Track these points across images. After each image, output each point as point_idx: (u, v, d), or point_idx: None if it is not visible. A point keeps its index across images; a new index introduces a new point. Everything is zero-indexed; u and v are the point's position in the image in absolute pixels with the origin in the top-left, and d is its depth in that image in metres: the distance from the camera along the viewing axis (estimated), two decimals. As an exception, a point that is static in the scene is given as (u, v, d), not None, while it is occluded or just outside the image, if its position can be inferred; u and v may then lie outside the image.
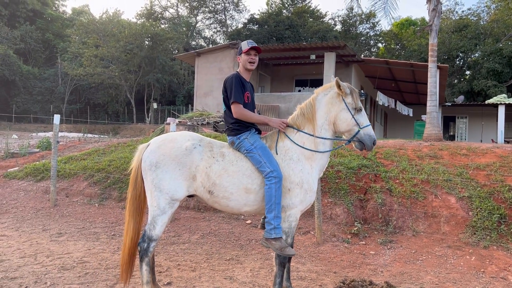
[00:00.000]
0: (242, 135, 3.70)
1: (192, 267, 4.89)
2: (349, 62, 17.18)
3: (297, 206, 3.58)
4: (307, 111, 3.72)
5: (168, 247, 5.69)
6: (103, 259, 5.02)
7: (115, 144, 11.09)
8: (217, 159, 3.59)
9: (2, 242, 5.49)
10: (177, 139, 3.65)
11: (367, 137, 3.62)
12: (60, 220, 6.92)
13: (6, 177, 9.29)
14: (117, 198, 7.96)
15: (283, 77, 19.41)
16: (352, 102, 3.64)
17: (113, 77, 32.30)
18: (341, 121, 3.65)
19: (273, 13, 41.18)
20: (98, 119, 37.31)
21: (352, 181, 7.28)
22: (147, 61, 32.22)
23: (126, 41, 30.77)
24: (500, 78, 29.45)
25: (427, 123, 10.98)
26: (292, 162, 3.61)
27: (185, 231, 6.48)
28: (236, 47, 16.21)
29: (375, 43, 45.41)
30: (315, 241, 6.02)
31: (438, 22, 11.03)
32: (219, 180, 3.53)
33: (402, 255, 5.56)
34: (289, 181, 3.55)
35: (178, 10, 45.65)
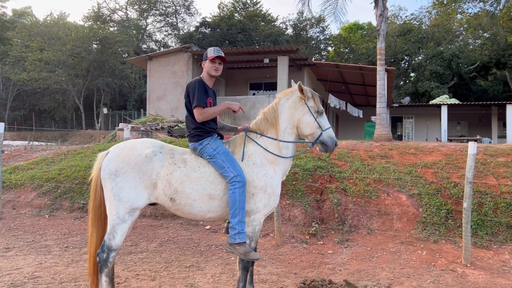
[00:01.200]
0: (204, 140, 3.68)
1: (151, 276, 4.79)
2: (301, 66, 17.51)
3: (261, 210, 3.60)
4: (270, 116, 3.76)
5: (125, 257, 5.53)
6: (56, 272, 4.80)
7: (65, 152, 10.64)
8: (179, 166, 3.55)
9: None
10: (137, 146, 3.58)
11: (329, 139, 3.70)
12: (7, 234, 6.54)
13: None
14: (69, 208, 7.65)
15: (238, 80, 19.47)
16: (314, 105, 3.71)
17: (60, 82, 31.00)
18: (304, 125, 3.71)
19: (225, 17, 41.20)
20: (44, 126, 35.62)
21: (308, 182, 7.42)
22: (96, 65, 31.21)
23: (73, 45, 29.65)
24: (442, 80, 31.13)
25: (377, 124, 11.41)
26: (255, 167, 3.62)
27: (142, 239, 6.33)
28: (189, 50, 16.08)
29: (325, 46, 46.59)
30: (274, 243, 6.08)
31: (385, 27, 11.51)
32: (181, 187, 3.49)
33: (359, 253, 5.74)
34: (253, 186, 3.56)
35: (127, 13, 44.63)
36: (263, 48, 15.54)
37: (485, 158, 7.80)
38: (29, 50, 31.25)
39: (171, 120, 14.62)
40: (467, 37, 36.37)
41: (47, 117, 37.41)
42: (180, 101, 16.09)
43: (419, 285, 4.60)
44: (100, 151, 9.92)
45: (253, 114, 15.26)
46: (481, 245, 5.78)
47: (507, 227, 6.03)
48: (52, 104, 35.07)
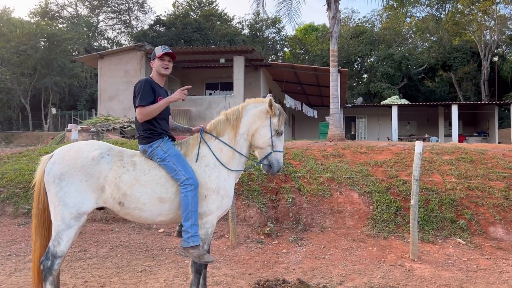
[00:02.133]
0: (154, 143, 3.57)
1: (101, 282, 4.62)
2: (257, 66, 17.58)
3: (213, 212, 3.56)
4: (232, 117, 3.74)
5: (73, 263, 5.30)
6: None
7: (8, 154, 10.07)
8: (128, 169, 3.44)
9: None
10: (83, 149, 3.44)
11: (275, 161, 3.69)
12: None
13: None
14: (12, 214, 7.25)
15: (193, 80, 19.25)
16: (277, 124, 3.70)
17: (4, 80, 29.34)
18: (259, 136, 3.70)
19: (180, 15, 40.67)
20: (-14, 127, 33.65)
21: (264, 182, 7.44)
22: (44, 63, 29.82)
23: (18, 42, 28.18)
24: (392, 81, 32.33)
25: (331, 124, 11.65)
26: (208, 168, 3.58)
27: (92, 245, 6.10)
28: (142, 49, 15.73)
29: (281, 47, 47.12)
30: (229, 245, 6.05)
31: (338, 29, 11.77)
32: (130, 191, 3.39)
33: (312, 251, 5.82)
34: (205, 188, 3.52)
35: (78, 9, 43.03)
36: (219, 48, 15.48)
37: (432, 157, 8.16)
38: (-31, 47, 29.43)
39: (124, 120, 14.23)
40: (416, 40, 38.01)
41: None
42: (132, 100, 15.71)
43: (370, 281, 4.72)
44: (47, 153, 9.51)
45: (209, 114, 15.17)
46: (427, 240, 6.03)
47: (451, 222, 6.33)
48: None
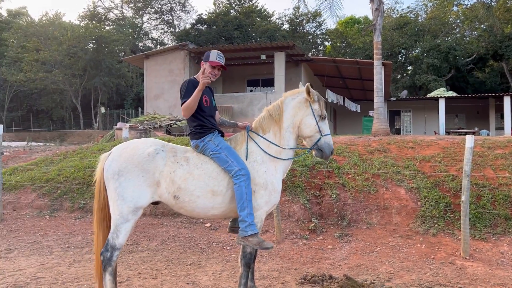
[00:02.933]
0: (206, 137, 3.70)
1: (153, 274, 4.82)
2: (298, 61, 17.51)
3: (262, 207, 3.63)
4: (274, 113, 3.81)
5: (126, 256, 5.56)
6: (58, 273, 4.83)
7: (64, 152, 10.65)
8: (181, 164, 3.58)
9: None
10: (139, 146, 3.61)
11: (326, 145, 3.75)
12: (9, 236, 6.57)
13: None
14: (69, 208, 7.67)
15: (235, 77, 19.47)
16: (318, 109, 3.75)
17: (57, 82, 30.91)
18: (305, 126, 3.76)
19: (221, 13, 41.07)
20: (42, 126, 35.57)
21: (307, 178, 7.45)
22: (93, 64, 31.11)
23: (69, 44, 29.54)
24: (439, 72, 31.16)
25: (375, 119, 11.44)
26: (256, 164, 3.66)
27: (143, 238, 6.37)
28: (185, 48, 16.07)
29: (322, 41, 46.52)
30: (274, 240, 6.12)
31: (381, 21, 11.51)
32: (184, 185, 3.51)
33: (358, 247, 5.78)
34: (254, 183, 3.59)
35: (123, 11, 44.46)
36: (260, 45, 15.55)
37: (483, 151, 7.84)
38: (25, 51, 31.14)
39: (169, 118, 14.63)
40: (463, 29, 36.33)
41: (45, 118, 37.35)
42: (178, 99, 16.01)
43: (419, 278, 4.64)
44: (99, 151, 9.99)
45: (251, 111, 15.30)
46: (479, 237, 5.83)
47: (505, 219, 6.08)
48: (50, 104, 35.00)
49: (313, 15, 42.82)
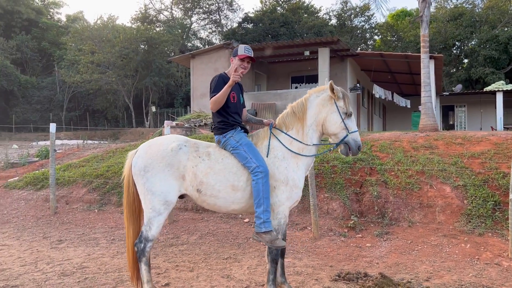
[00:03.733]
0: (228, 133, 3.78)
1: (190, 267, 4.95)
2: (343, 57, 17.18)
3: (284, 203, 3.64)
4: (298, 110, 3.80)
5: (166, 249, 5.76)
6: (102, 263, 5.09)
7: (113, 149, 11.16)
8: (203, 158, 3.68)
9: (3, 252, 5.56)
10: (163, 142, 3.76)
11: (353, 142, 3.69)
12: (61, 227, 6.99)
13: (7, 187, 9.38)
14: (116, 203, 8.03)
15: (279, 74, 19.45)
16: (344, 106, 3.70)
17: (111, 82, 32.37)
18: (330, 123, 3.72)
19: (268, 11, 41.14)
20: (97, 125, 37.40)
21: (347, 175, 7.33)
22: (144, 65, 32.26)
23: (121, 46, 30.80)
24: (497, 65, 29.42)
25: (422, 114, 11.02)
26: (277, 160, 3.68)
27: (183, 232, 6.55)
28: (230, 47, 16.26)
29: (371, 36, 45.35)
30: (312, 236, 6.08)
31: (429, 13, 11.05)
32: (206, 179, 3.61)
33: (398, 246, 5.61)
34: (274, 179, 3.62)
35: (173, 13, 45.73)
36: (303, 41, 15.42)
37: (539, 147, 7.35)
38: (82, 54, 32.84)
39: (214, 116, 14.84)
40: (525, 19, 34.02)
41: (100, 117, 39.23)
42: (222, 97, 16.30)
43: (460, 279, 4.44)
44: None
45: (295, 108, 15.23)
46: (531, 238, 5.47)
47: (561, 219, 5.66)
48: (104, 104, 36.72)
49: (362, 9, 41.87)
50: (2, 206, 8.28)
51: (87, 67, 31.79)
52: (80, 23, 39.38)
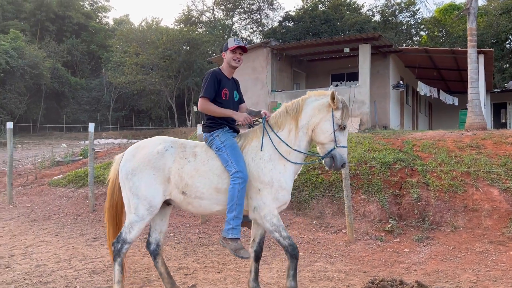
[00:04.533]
0: (214, 132, 3.72)
1: (218, 268, 4.88)
2: (386, 53, 16.59)
3: (269, 204, 3.52)
4: (292, 110, 3.66)
5: (197, 248, 5.72)
6: (133, 262, 5.12)
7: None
8: (189, 160, 3.64)
9: (41, 248, 5.73)
10: (149, 145, 3.75)
11: (339, 157, 3.49)
12: (97, 225, 7.14)
13: (51, 184, 9.74)
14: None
15: (319, 72, 19.10)
16: (340, 118, 3.49)
17: (154, 83, 33.13)
18: (320, 131, 3.54)
19: (309, 9, 40.67)
20: (142, 125, 38.43)
21: (386, 176, 7.02)
22: (186, 66, 32.78)
23: (164, 48, 31.44)
24: (555, 59, 27.50)
25: (469, 112, 10.42)
26: (262, 161, 3.57)
27: (215, 232, 6.50)
28: (268, 45, 16.15)
29: (417, 31, 43.73)
30: (346, 240, 5.84)
31: (476, 5, 10.41)
32: (191, 181, 3.57)
33: (439, 252, 5.28)
34: (259, 181, 3.52)
35: (214, 13, 46.21)
36: (343, 37, 15.03)
37: None
38: (127, 55, 33.85)
39: (252, 115, 14.80)
40: None
41: (145, 117, 40.29)
42: (260, 96, 16.25)
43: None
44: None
45: (334, 106, 14.88)
46: None
47: None
48: (149, 104, 37.66)
49: (407, 4, 40.49)
50: (45, 203, 8.60)
51: (132, 69, 32.73)
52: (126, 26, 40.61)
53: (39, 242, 6.02)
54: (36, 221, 7.38)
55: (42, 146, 21.24)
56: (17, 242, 6.01)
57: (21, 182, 10.30)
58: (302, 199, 7.06)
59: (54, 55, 38.41)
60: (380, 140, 8.86)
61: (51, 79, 35.64)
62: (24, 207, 8.43)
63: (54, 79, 36.52)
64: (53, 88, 36.59)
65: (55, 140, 27.31)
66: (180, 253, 5.51)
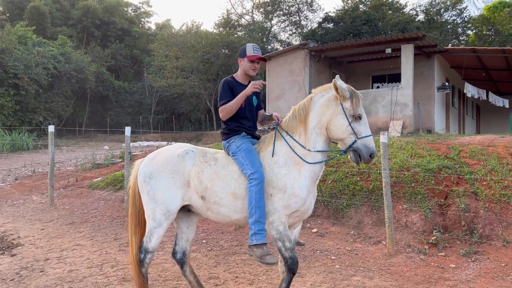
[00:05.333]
0: (231, 138, 3.65)
1: (249, 279, 4.70)
2: (430, 53, 15.87)
3: (279, 211, 3.34)
4: (299, 113, 3.48)
5: (229, 257, 5.56)
6: (163, 270, 5.03)
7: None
8: (210, 164, 3.56)
9: (76, 252, 5.77)
10: (170, 149, 3.75)
11: (364, 148, 3.21)
12: (132, 229, 7.13)
13: (90, 187, 9.92)
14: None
15: (359, 74, 18.57)
16: (351, 108, 3.24)
17: (193, 86, 33.53)
18: (335, 127, 3.30)
19: (349, 10, 39.92)
20: (182, 127, 39.01)
21: (430, 184, 6.59)
22: (224, 69, 32.95)
23: (203, 51, 31.77)
24: None
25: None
26: (276, 166, 3.41)
27: (248, 240, 6.31)
28: (306, 47, 15.85)
29: (464, 30, 41.89)
30: (386, 252, 5.50)
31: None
32: (210, 184, 3.48)
33: (489, 269, 4.84)
34: (272, 186, 3.36)
35: (253, 16, 46.27)
36: (385, 37, 14.50)
37: None
38: (168, 59, 34.48)
39: (289, 118, 14.56)
40: None
41: (185, 120, 40.88)
42: (298, 99, 15.86)
43: None
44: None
45: (374, 109, 14.38)
46: None
47: None
48: (188, 107, 38.18)
49: (453, 2, 38.87)
50: (84, 205, 8.75)
51: (172, 72, 33.27)
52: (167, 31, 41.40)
53: (74, 246, 6.07)
54: (74, 224, 7.49)
55: (86, 148, 21.92)
56: (53, 245, 6.09)
57: (62, 184, 10.56)
58: (340, 207, 6.76)
59: (98, 60, 39.71)
60: (423, 145, 8.39)
61: (96, 83, 36.84)
62: (63, 209, 8.61)
63: (99, 83, 37.75)
64: (97, 91, 37.83)
65: (99, 142, 28.18)
66: (212, 262, 5.37)
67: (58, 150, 20.14)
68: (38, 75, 27.45)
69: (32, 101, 27.57)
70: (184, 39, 34.05)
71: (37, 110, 28.51)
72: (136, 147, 20.25)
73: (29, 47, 29.20)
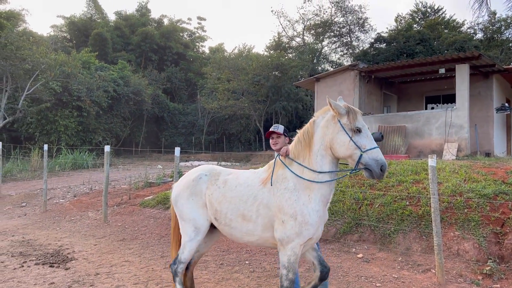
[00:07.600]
0: None
1: (290, 303, 4.63)
2: (488, 73, 15.19)
3: (294, 239, 3.33)
4: (304, 137, 3.51)
5: (271, 279, 5.54)
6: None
7: (236, 172, 11.48)
8: (219, 186, 3.78)
9: (124, 268, 5.99)
10: (190, 173, 4.13)
11: (372, 162, 3.14)
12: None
13: (142, 205, 10.29)
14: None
15: (412, 94, 18.09)
16: (348, 122, 3.24)
17: (244, 108, 34.13)
18: (338, 144, 3.29)
19: (403, 29, 39.20)
20: (233, 147, 39.63)
21: (485, 211, 6.24)
22: (274, 91, 33.33)
23: (254, 73, 32.36)
24: None
25: None
26: (287, 191, 3.41)
27: (291, 263, 6.25)
28: (356, 68, 15.71)
29: (527, 48, 39.65)
30: (435, 281, 5.24)
31: None
32: (219, 207, 3.69)
33: (551, 305, 4.47)
34: (283, 213, 3.36)
35: (304, 38, 46.60)
36: (438, 57, 14.06)
37: None
38: (220, 82, 35.46)
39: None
40: None
41: (235, 140, 41.54)
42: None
43: None
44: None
45: (427, 130, 13.89)
46: None
47: None
48: (238, 128, 38.83)
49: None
50: (135, 223, 9.08)
51: (224, 94, 34.15)
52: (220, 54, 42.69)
53: (123, 262, 6.31)
54: (124, 240, 7.79)
55: (141, 167, 22.81)
56: (104, 260, 6.37)
57: (116, 202, 11.05)
58: (387, 233, 6.55)
59: (155, 83, 41.57)
60: (479, 169, 7.98)
61: (152, 104, 38.50)
62: (116, 225, 8.99)
63: (155, 105, 39.41)
64: (153, 113, 39.48)
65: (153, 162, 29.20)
66: (253, 283, 5.36)
67: (115, 168, 21.13)
68: (99, 98, 29.20)
69: (93, 122, 29.28)
70: (235, 62, 34.92)
71: (97, 131, 30.20)
72: (187, 167, 20.80)
73: (92, 71, 31.25)
